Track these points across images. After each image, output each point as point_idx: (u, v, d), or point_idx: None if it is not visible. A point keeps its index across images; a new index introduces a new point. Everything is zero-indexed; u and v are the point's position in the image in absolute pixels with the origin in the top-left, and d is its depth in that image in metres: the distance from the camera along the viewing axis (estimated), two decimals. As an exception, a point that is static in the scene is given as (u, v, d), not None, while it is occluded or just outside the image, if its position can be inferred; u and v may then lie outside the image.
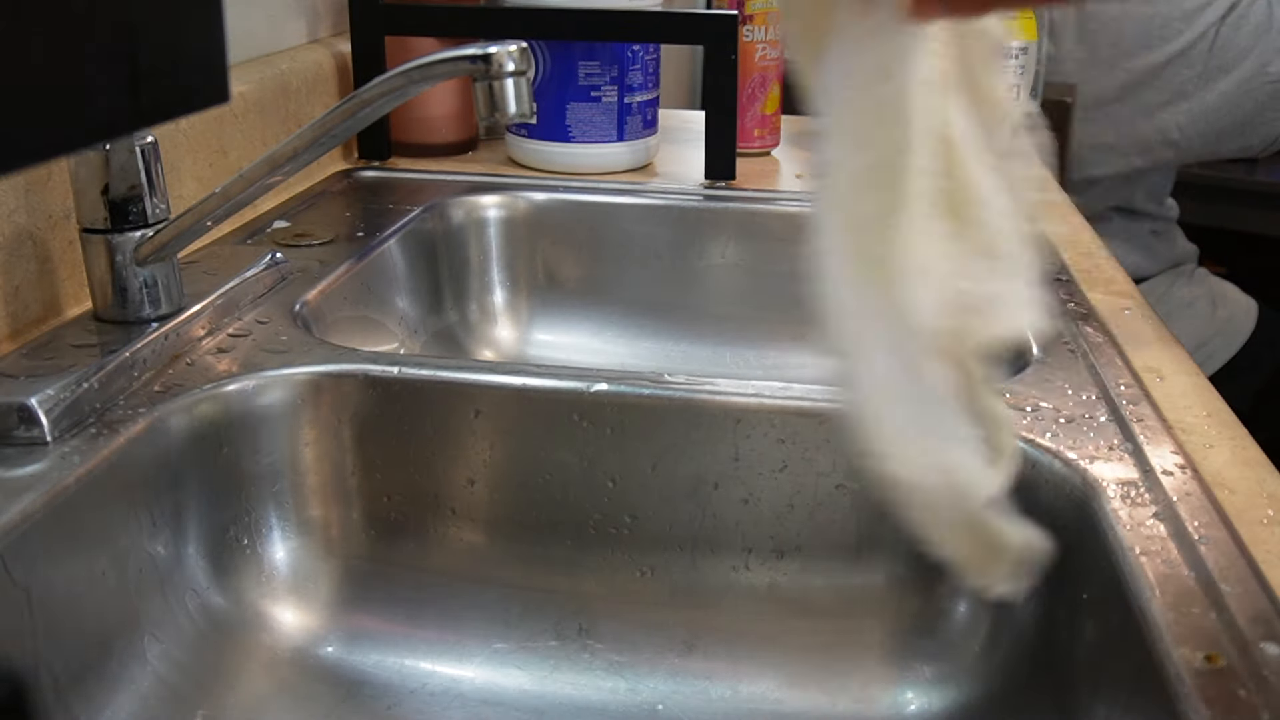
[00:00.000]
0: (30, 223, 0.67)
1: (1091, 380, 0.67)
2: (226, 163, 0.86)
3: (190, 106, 0.52)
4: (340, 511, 0.68)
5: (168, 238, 0.65)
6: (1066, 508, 0.57)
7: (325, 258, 0.83)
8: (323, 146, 0.61)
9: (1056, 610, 0.58)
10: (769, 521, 0.65)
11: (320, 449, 0.67)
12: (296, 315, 0.73)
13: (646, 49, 1.07)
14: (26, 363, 0.61)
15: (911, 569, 0.64)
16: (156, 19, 0.46)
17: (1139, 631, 0.47)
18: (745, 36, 1.11)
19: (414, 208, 0.96)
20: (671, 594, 0.67)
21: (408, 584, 0.68)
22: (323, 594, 0.67)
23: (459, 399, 0.66)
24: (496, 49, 0.52)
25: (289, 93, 0.97)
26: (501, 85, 0.52)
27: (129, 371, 0.62)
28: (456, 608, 0.67)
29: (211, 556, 0.63)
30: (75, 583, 0.54)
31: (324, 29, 1.11)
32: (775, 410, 0.64)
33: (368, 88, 0.58)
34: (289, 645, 0.64)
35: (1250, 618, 0.46)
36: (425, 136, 1.12)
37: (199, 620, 0.61)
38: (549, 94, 1.06)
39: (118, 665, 0.56)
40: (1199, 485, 0.56)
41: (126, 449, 0.58)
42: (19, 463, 0.54)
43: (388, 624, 0.67)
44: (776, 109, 1.17)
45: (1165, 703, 0.43)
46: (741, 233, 1.02)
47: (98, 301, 0.66)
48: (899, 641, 0.64)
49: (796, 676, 0.64)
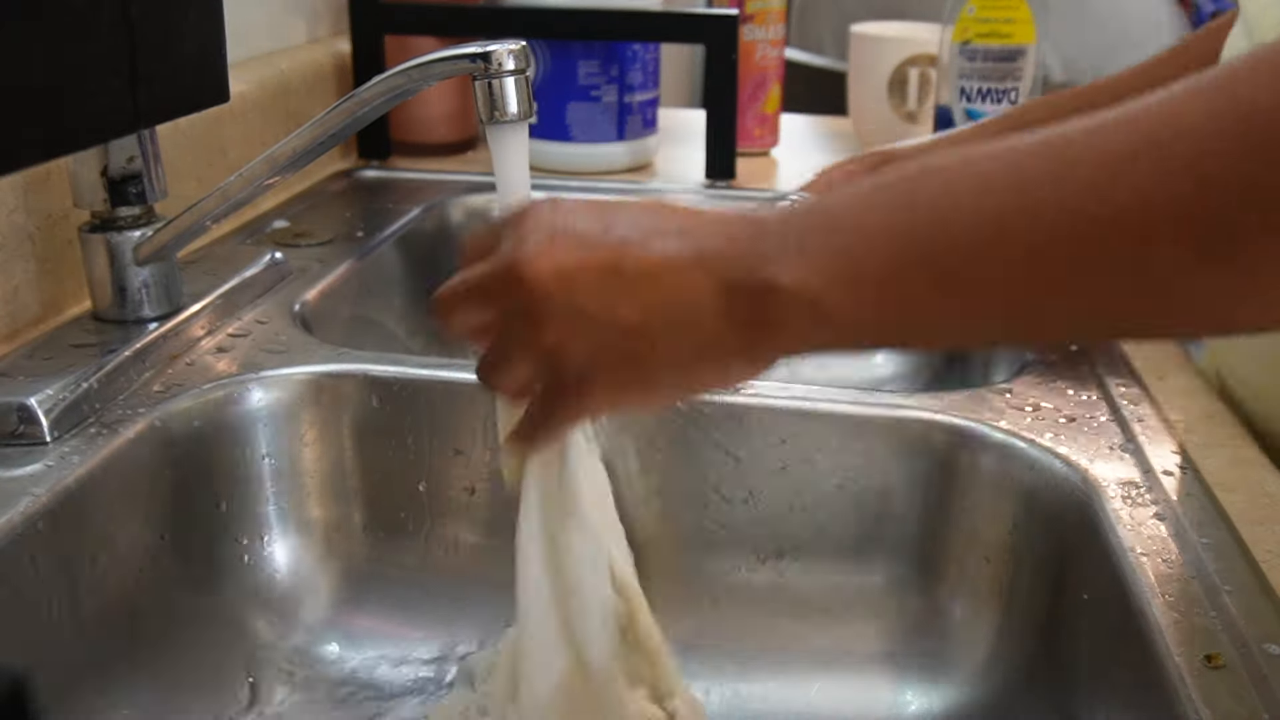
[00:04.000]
0: (30, 222, 0.67)
1: (1092, 380, 0.67)
2: (226, 162, 0.86)
3: (190, 106, 0.52)
4: (340, 511, 0.68)
5: (167, 237, 0.65)
6: (1067, 508, 0.57)
7: (325, 258, 0.83)
8: (322, 146, 0.61)
9: (1057, 610, 0.58)
10: (769, 521, 0.65)
11: (320, 449, 0.67)
12: (296, 315, 0.73)
13: (646, 49, 1.07)
14: (26, 363, 0.61)
15: (911, 569, 0.64)
16: (156, 19, 0.46)
17: (1139, 632, 0.47)
18: (745, 36, 1.11)
19: (414, 208, 0.96)
20: (671, 594, 0.67)
21: (408, 584, 0.68)
22: (323, 594, 0.67)
23: (459, 399, 0.66)
24: (496, 47, 0.52)
25: (288, 92, 0.97)
26: (501, 84, 0.52)
27: (129, 371, 0.62)
28: (456, 608, 0.66)
29: (211, 556, 0.63)
30: (75, 583, 0.54)
31: (324, 29, 1.10)
32: (775, 410, 0.64)
33: (367, 87, 0.57)
34: (289, 645, 0.64)
35: (1250, 618, 0.46)
36: (425, 136, 1.12)
37: (199, 620, 0.61)
38: (549, 94, 1.06)
39: (117, 665, 0.56)
40: (1199, 485, 0.56)
41: (126, 449, 0.57)
42: (19, 463, 0.54)
43: (388, 624, 0.67)
44: (776, 109, 1.17)
45: (1165, 703, 0.43)
46: (741, 232, 1.01)
47: (97, 301, 0.66)
48: (899, 641, 0.64)
49: (796, 676, 0.64)
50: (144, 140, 0.64)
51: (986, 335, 0.45)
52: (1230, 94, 0.33)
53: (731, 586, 0.66)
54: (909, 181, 0.39)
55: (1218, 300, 0.35)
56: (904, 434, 0.63)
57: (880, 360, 1.01)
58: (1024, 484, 0.60)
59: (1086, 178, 0.35)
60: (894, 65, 1.12)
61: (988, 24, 0.97)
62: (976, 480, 0.62)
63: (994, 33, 0.97)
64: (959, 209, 0.37)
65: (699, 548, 0.66)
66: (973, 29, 0.97)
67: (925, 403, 0.64)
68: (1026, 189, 0.36)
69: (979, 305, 0.38)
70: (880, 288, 0.38)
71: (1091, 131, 0.36)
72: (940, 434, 0.63)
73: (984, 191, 0.37)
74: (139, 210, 0.65)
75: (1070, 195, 0.35)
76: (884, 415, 0.63)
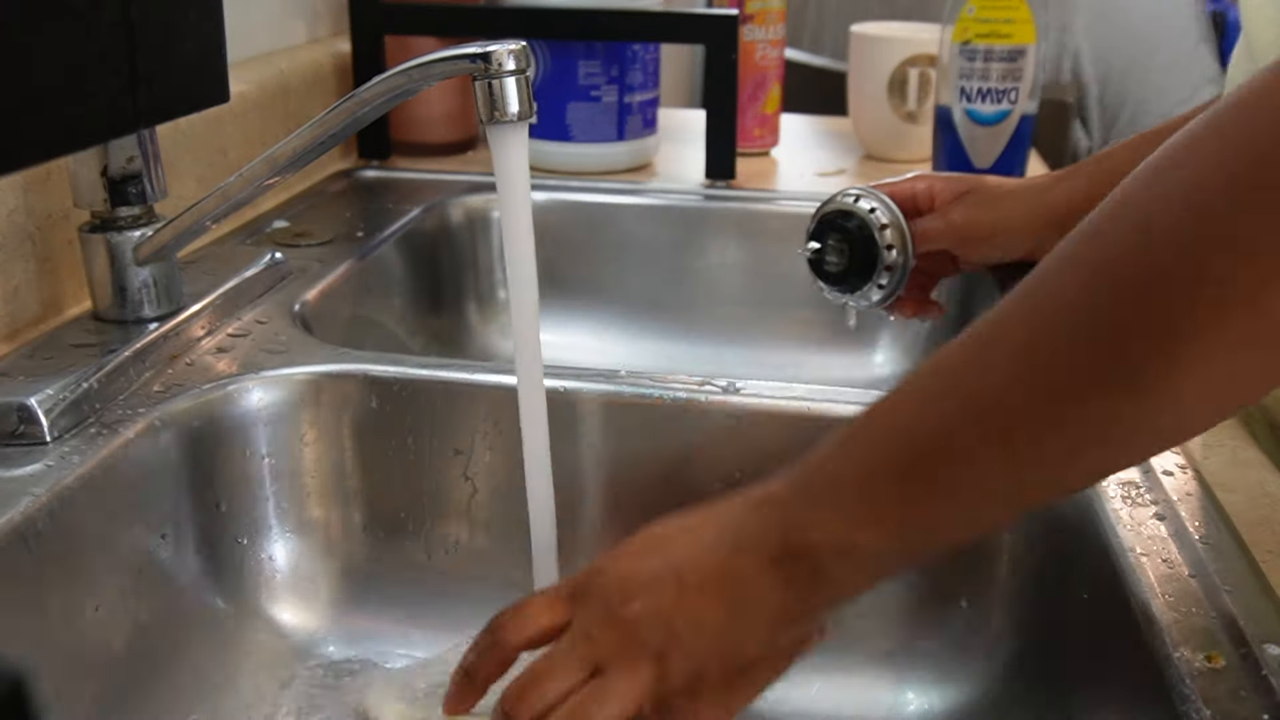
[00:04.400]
0: (30, 222, 0.67)
1: (1091, 380, 0.67)
2: (226, 162, 0.86)
3: (190, 106, 0.52)
4: (340, 511, 0.68)
5: (167, 237, 0.65)
6: (1066, 508, 0.57)
7: (325, 258, 0.83)
8: (322, 146, 0.61)
9: (1057, 610, 0.58)
10: (769, 521, 0.65)
11: (320, 449, 0.67)
12: (296, 315, 0.73)
13: (646, 49, 1.07)
14: (26, 363, 0.61)
15: (911, 569, 0.64)
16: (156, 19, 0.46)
17: (1139, 632, 0.47)
18: (745, 36, 1.11)
19: (414, 208, 0.96)
20: (671, 594, 0.67)
21: (408, 584, 0.68)
22: (323, 594, 0.67)
23: (459, 399, 0.66)
24: (496, 47, 0.52)
25: (288, 92, 0.97)
26: (501, 84, 0.52)
27: (128, 371, 0.62)
28: (456, 608, 0.66)
29: (211, 556, 0.63)
30: (75, 582, 0.54)
31: (324, 29, 1.11)
32: (775, 411, 0.64)
33: (367, 87, 0.57)
34: (289, 645, 0.64)
35: (1250, 618, 0.46)
36: (425, 136, 1.12)
37: (199, 620, 0.61)
38: (549, 94, 1.06)
39: (117, 665, 0.56)
40: (1199, 485, 0.56)
41: (126, 449, 0.57)
42: (19, 463, 0.54)
43: (388, 624, 0.67)
44: (776, 109, 1.17)
45: (1166, 703, 0.43)
46: (741, 233, 1.02)
47: (97, 301, 0.66)
48: (899, 641, 0.64)
49: (797, 676, 0.64)
50: (144, 140, 0.64)
51: (993, 518, 0.46)
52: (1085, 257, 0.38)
53: (731, 586, 0.66)
54: (868, 416, 0.43)
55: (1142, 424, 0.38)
56: (904, 434, 0.63)
57: (880, 360, 1.01)
58: (1024, 484, 0.60)
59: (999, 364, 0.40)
60: (894, 65, 1.12)
61: (988, 24, 0.97)
62: (976, 480, 0.62)
63: (994, 33, 0.97)
64: (921, 421, 0.42)
65: (699, 548, 0.66)
66: (973, 29, 0.97)
67: (925, 403, 0.64)
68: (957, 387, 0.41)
69: (975, 497, 0.41)
70: (897, 511, 0.42)
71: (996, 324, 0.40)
72: (940, 434, 0.62)
73: (925, 402, 0.42)
74: (139, 210, 0.65)
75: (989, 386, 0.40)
76: (884, 415, 0.63)
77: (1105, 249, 0.38)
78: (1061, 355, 0.38)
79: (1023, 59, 0.97)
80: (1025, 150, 1.00)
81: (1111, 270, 0.37)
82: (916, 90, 1.12)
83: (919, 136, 1.13)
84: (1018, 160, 0.99)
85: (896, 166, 1.11)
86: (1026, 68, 0.97)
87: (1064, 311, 0.38)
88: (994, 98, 0.98)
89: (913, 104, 1.13)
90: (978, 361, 0.40)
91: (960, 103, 0.99)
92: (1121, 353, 0.36)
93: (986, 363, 0.40)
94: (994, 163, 0.99)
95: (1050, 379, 0.38)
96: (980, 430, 0.39)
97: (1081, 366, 0.37)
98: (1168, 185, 0.37)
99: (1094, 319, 0.37)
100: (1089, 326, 0.37)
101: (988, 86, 0.98)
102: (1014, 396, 0.39)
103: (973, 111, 0.99)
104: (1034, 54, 0.97)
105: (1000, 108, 0.98)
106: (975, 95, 0.98)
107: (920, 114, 1.13)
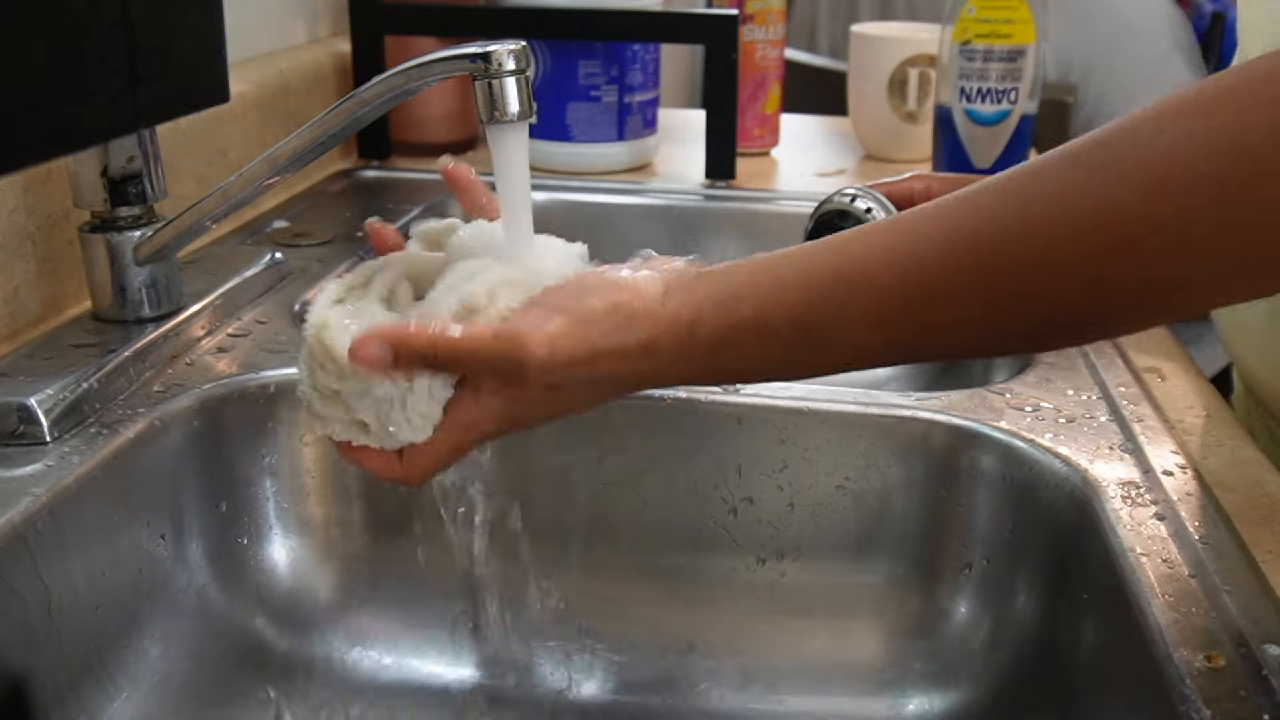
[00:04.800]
0: (30, 222, 0.67)
1: (1092, 380, 0.67)
2: (226, 162, 0.86)
3: (190, 106, 0.52)
4: (340, 511, 0.68)
5: (167, 237, 0.65)
6: (1066, 508, 0.57)
7: (325, 257, 0.83)
8: (322, 146, 0.61)
9: (1057, 610, 0.58)
10: (769, 521, 0.65)
11: (320, 448, 0.67)
12: (296, 315, 0.73)
13: (646, 49, 1.07)
14: (26, 363, 0.61)
15: (911, 569, 0.64)
16: (156, 19, 0.46)
17: (1139, 632, 0.47)
18: (745, 36, 1.11)
19: (414, 208, 0.96)
20: (672, 594, 0.67)
21: (408, 584, 0.68)
22: (323, 594, 0.67)
23: (459, 399, 0.66)
24: (496, 47, 0.52)
25: (288, 92, 0.97)
26: (501, 84, 0.52)
27: (128, 371, 0.62)
28: (455, 608, 0.66)
29: (211, 556, 0.63)
30: (75, 582, 0.54)
31: (324, 29, 1.11)
32: (775, 410, 0.64)
33: (367, 87, 0.57)
34: (289, 645, 0.64)
35: (1250, 618, 0.46)
36: (425, 136, 1.12)
37: (199, 620, 0.61)
38: (549, 94, 1.06)
39: (117, 665, 0.56)
40: (1199, 485, 0.56)
41: (126, 449, 0.57)
42: (19, 463, 0.54)
43: (388, 624, 0.67)
44: (776, 109, 1.17)
45: (1165, 703, 0.43)
46: (741, 232, 1.02)
47: (97, 301, 0.66)
48: (899, 641, 0.64)
49: (797, 676, 0.64)
50: (144, 140, 0.64)
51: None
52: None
53: (731, 587, 0.66)
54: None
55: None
56: (904, 434, 0.63)
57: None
58: (1024, 484, 0.60)
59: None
60: (894, 65, 1.12)
61: (988, 24, 0.97)
62: (976, 480, 0.62)
63: (994, 33, 0.97)
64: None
65: (699, 548, 0.66)
66: (973, 29, 0.97)
67: (925, 403, 0.64)
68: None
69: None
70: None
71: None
72: (940, 434, 0.63)
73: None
74: (139, 210, 0.65)
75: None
76: (884, 415, 0.63)
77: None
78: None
79: (1023, 59, 0.97)
80: (1025, 150, 1.00)
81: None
82: (916, 90, 1.12)
83: (919, 136, 1.13)
84: (1017, 160, 0.99)
85: (896, 166, 1.11)
86: (1026, 68, 0.97)
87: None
88: (994, 98, 0.98)
89: (913, 104, 1.13)
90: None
91: (960, 103, 0.99)
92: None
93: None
94: (994, 163, 0.99)
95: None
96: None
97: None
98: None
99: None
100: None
101: (988, 86, 0.98)
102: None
103: (973, 111, 0.99)
104: (1034, 54, 0.97)
105: (1000, 108, 0.98)
106: (975, 95, 0.98)
107: (920, 114, 1.13)
